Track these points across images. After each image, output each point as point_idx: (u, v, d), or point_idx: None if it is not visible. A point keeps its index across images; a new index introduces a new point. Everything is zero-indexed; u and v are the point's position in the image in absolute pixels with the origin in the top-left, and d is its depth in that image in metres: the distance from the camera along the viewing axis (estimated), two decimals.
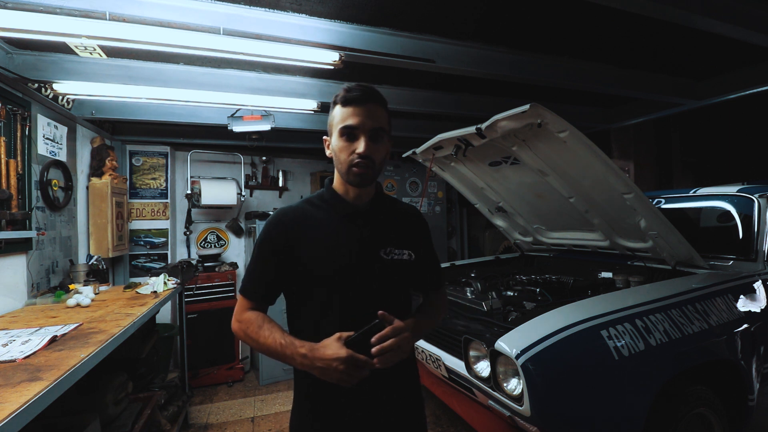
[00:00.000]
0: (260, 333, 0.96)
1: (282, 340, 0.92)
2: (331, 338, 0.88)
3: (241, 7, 1.93)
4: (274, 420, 2.94)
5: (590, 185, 2.15)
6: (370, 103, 0.96)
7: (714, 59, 2.81)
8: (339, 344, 0.86)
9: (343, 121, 0.96)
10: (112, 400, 2.06)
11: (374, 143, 0.96)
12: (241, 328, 1.00)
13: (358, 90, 0.96)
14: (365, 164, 0.95)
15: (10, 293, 2.20)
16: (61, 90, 2.48)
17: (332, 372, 0.85)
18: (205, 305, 3.68)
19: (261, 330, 0.96)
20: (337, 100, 0.98)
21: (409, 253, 1.06)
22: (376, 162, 0.97)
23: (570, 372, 1.42)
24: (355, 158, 0.95)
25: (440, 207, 4.97)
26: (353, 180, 0.98)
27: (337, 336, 0.88)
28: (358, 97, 0.95)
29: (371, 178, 0.99)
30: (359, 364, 0.85)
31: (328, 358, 0.85)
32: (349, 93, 0.96)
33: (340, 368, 0.84)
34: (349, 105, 0.95)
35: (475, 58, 2.44)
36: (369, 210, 1.05)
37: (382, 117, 0.98)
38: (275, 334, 0.94)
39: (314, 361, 0.87)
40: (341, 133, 0.96)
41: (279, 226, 1.02)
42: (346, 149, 0.96)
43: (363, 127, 0.95)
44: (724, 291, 1.88)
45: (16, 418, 0.99)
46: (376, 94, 0.98)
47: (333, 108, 1.00)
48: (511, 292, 2.36)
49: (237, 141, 3.94)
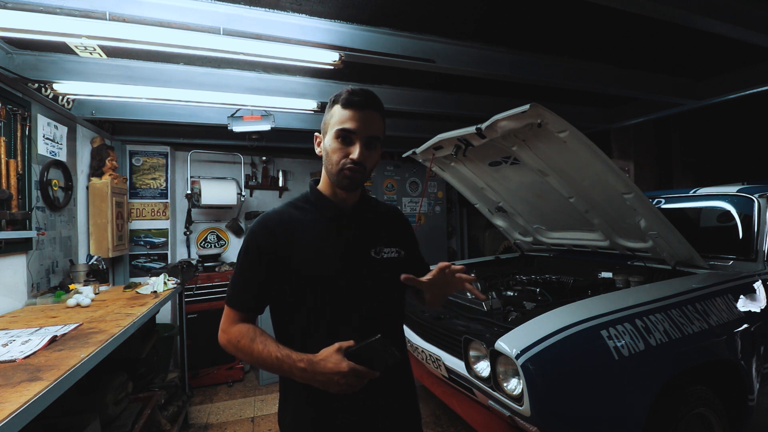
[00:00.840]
0: (253, 347, 0.91)
1: (278, 354, 0.88)
2: (329, 349, 0.85)
3: (241, 7, 1.93)
4: (274, 420, 2.94)
5: (590, 185, 2.15)
6: (370, 109, 0.96)
7: (714, 59, 2.81)
8: (339, 356, 0.84)
9: (341, 123, 0.95)
10: (112, 400, 2.06)
11: (368, 150, 0.96)
12: (230, 342, 0.95)
13: (360, 94, 0.95)
14: (357, 170, 0.95)
15: (10, 293, 2.20)
16: (61, 90, 2.48)
17: (333, 384, 0.84)
18: (205, 305, 3.69)
19: (254, 344, 0.91)
20: (338, 101, 0.96)
21: (398, 251, 1.07)
22: (368, 169, 0.97)
23: (570, 372, 1.42)
24: (347, 162, 0.94)
25: (440, 207, 4.97)
26: (342, 183, 0.97)
27: (336, 347, 0.85)
28: (360, 102, 0.94)
29: (360, 183, 0.99)
30: (361, 375, 0.83)
31: (329, 372, 0.83)
32: (351, 96, 0.95)
33: (341, 382, 0.83)
34: (350, 108, 0.94)
35: (475, 58, 2.44)
36: (355, 210, 1.05)
37: (379, 125, 0.98)
38: (270, 347, 0.90)
39: (315, 375, 0.85)
40: (337, 135, 0.95)
41: (265, 231, 0.98)
42: (340, 152, 0.95)
43: (360, 132, 0.94)
44: (724, 291, 1.88)
45: (16, 418, 0.99)
46: (377, 102, 0.98)
47: (331, 107, 0.99)
48: (511, 292, 2.36)
49: (237, 141, 3.94)
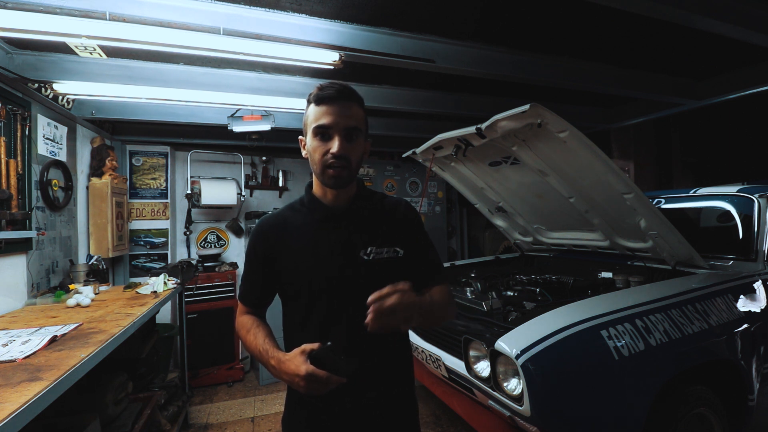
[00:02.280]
0: (248, 337, 0.99)
1: (261, 347, 0.93)
2: (295, 351, 0.86)
3: (241, 7, 1.93)
4: (274, 420, 2.94)
5: (590, 185, 2.15)
6: (343, 101, 0.92)
7: (714, 59, 2.81)
8: (301, 359, 0.83)
9: (316, 120, 0.92)
10: (112, 400, 2.06)
11: (349, 143, 0.93)
12: (237, 330, 1.06)
13: (331, 88, 0.92)
14: (340, 165, 0.92)
15: (10, 293, 2.20)
16: (61, 90, 2.48)
17: (296, 386, 0.85)
18: (205, 305, 3.68)
19: (248, 334, 0.99)
20: (311, 99, 0.95)
21: (396, 250, 1.01)
22: (352, 162, 0.94)
23: (570, 372, 1.42)
24: (329, 158, 0.92)
25: (440, 207, 4.97)
26: (328, 182, 0.95)
27: (300, 350, 0.85)
28: (331, 95, 0.92)
29: (347, 179, 0.96)
30: (320, 380, 0.82)
31: (291, 373, 0.84)
32: (321, 91, 0.92)
33: (301, 384, 0.83)
34: (323, 104, 0.92)
35: (475, 58, 2.44)
36: (347, 210, 1.01)
37: (357, 115, 0.95)
38: (258, 339, 0.96)
39: (281, 374, 0.87)
40: (315, 133, 0.93)
41: (260, 235, 1.04)
42: (320, 149, 0.93)
43: (336, 126, 0.91)
44: (724, 291, 1.88)
45: (16, 418, 0.99)
46: (351, 92, 0.94)
47: (307, 107, 0.97)
48: (511, 292, 2.36)
49: (237, 141, 3.94)
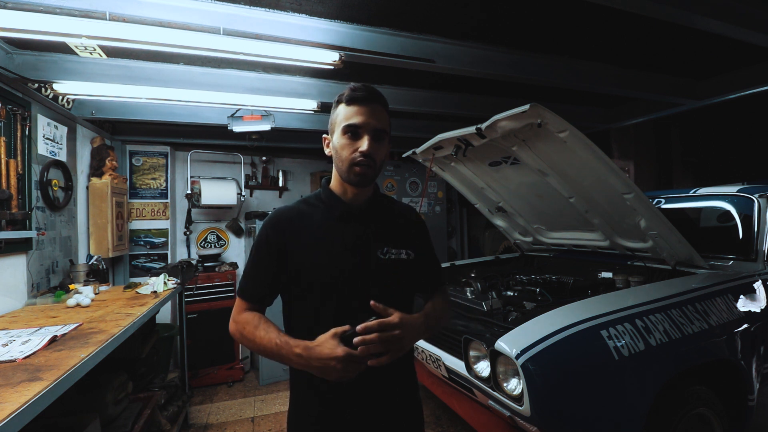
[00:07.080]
0: (256, 333, 0.95)
1: (278, 340, 0.92)
2: (325, 335, 0.87)
3: (241, 7, 1.93)
4: (274, 420, 2.94)
5: (590, 185, 2.15)
6: (374, 103, 0.98)
7: (714, 59, 2.81)
8: (335, 342, 0.85)
9: (347, 119, 0.96)
10: (112, 400, 2.06)
11: (376, 143, 0.97)
12: (237, 329, 1.00)
13: (363, 90, 0.97)
14: (367, 163, 0.96)
15: (10, 293, 2.20)
16: (61, 90, 2.48)
17: (330, 370, 0.85)
18: (205, 305, 3.69)
19: (257, 330, 0.95)
20: (342, 99, 0.99)
21: (407, 252, 1.05)
22: (377, 162, 0.98)
23: (570, 372, 1.42)
24: (357, 156, 0.95)
25: (440, 207, 4.97)
26: (353, 179, 0.98)
27: (331, 333, 0.86)
28: (364, 97, 0.97)
29: (371, 178, 0.99)
30: (357, 360, 0.84)
31: (325, 357, 0.84)
32: (354, 92, 0.97)
33: (338, 367, 0.83)
34: (354, 104, 0.96)
35: (475, 58, 2.44)
36: (366, 210, 1.05)
37: (384, 119, 1.00)
38: (271, 333, 0.94)
39: (310, 361, 0.86)
40: (344, 131, 0.97)
41: (276, 227, 1.02)
42: (349, 147, 0.97)
43: (367, 126, 0.96)
44: (724, 291, 1.88)
45: (16, 418, 0.99)
46: (380, 96, 1.00)
47: (336, 106, 1.01)
48: (511, 292, 2.36)
49: (237, 141, 3.94)
